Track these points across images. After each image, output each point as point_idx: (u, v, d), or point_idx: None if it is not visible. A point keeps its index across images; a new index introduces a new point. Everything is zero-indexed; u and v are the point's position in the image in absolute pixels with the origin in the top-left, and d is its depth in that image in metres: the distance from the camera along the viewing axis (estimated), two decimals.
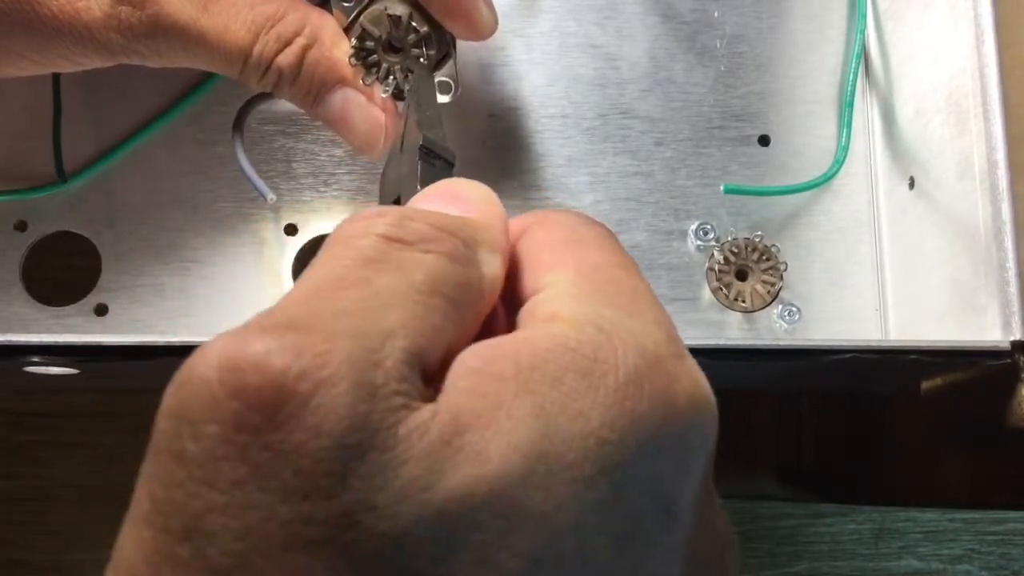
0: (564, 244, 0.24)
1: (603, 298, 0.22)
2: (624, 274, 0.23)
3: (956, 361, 0.37)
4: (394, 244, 0.21)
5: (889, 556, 0.40)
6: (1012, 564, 0.40)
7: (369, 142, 0.38)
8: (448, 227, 0.23)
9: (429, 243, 0.22)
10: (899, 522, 0.40)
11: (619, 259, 0.24)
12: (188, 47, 0.36)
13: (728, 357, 0.35)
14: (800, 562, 0.41)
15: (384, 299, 0.20)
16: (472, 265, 0.22)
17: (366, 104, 0.38)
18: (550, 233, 0.24)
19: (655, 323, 0.22)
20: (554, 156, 0.44)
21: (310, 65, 0.37)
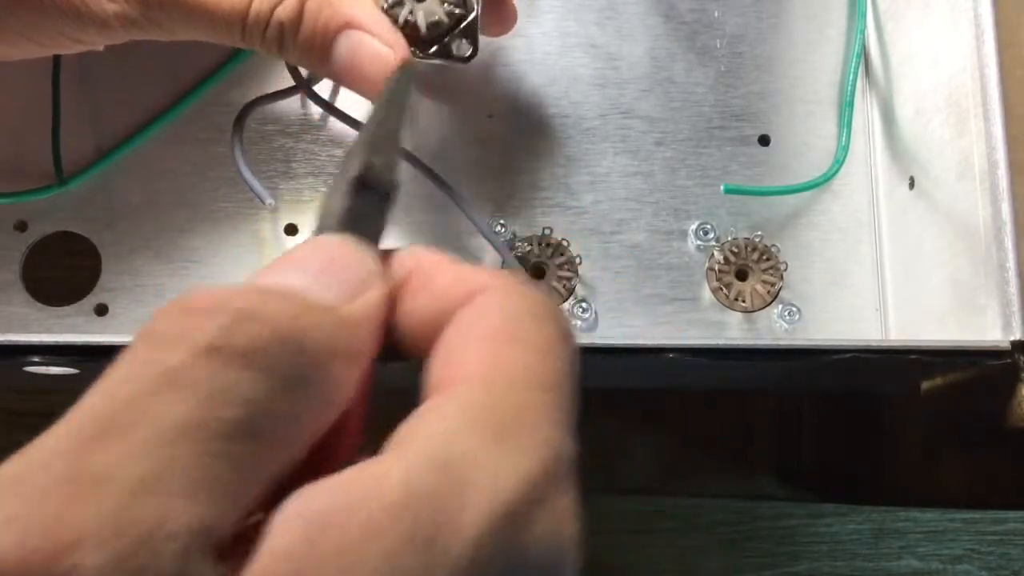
0: (493, 339, 0.20)
1: (485, 424, 0.18)
2: (529, 386, 0.20)
3: (956, 361, 0.37)
4: (214, 357, 0.17)
5: (889, 556, 0.40)
6: (1012, 564, 0.40)
7: (380, 85, 0.35)
8: (294, 333, 0.18)
9: (259, 356, 0.17)
10: (899, 522, 0.40)
11: (545, 368, 0.20)
12: (185, 14, 0.35)
13: (728, 357, 0.35)
14: (800, 562, 0.41)
15: (166, 453, 0.16)
16: (309, 386, 0.18)
17: (372, 42, 0.35)
18: (486, 318, 0.21)
19: (527, 454, 0.18)
20: (554, 156, 0.44)
21: (311, 13, 0.35)
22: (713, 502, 0.41)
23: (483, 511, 0.17)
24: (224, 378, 0.17)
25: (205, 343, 0.17)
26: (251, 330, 0.18)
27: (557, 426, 0.19)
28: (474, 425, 0.18)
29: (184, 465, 0.16)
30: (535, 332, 0.21)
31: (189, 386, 0.17)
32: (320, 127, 0.43)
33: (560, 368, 0.20)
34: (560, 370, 0.20)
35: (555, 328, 0.21)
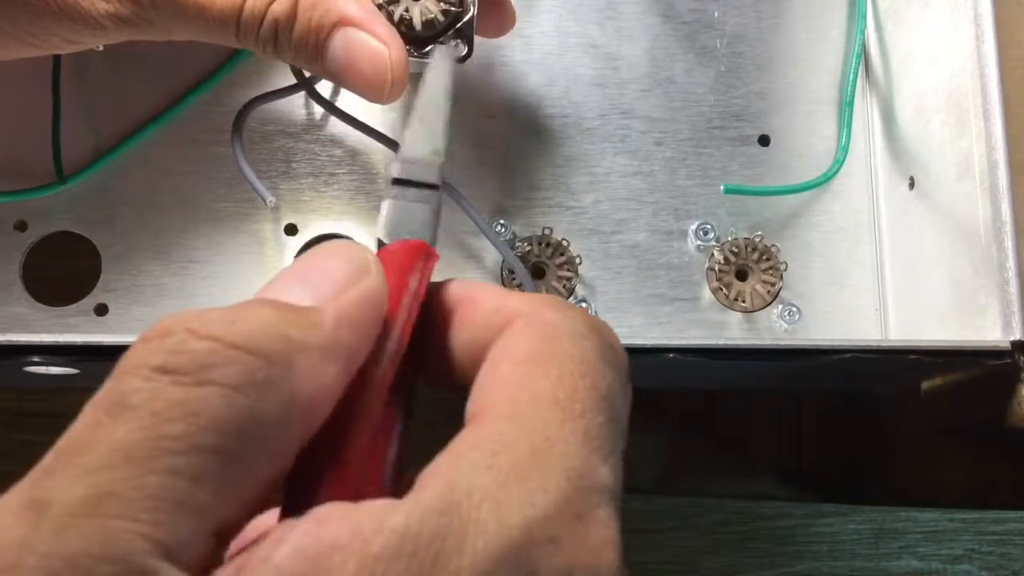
0: (523, 363, 0.20)
1: (503, 458, 0.18)
2: (557, 413, 0.19)
3: (956, 361, 0.37)
4: (163, 379, 0.17)
5: (889, 556, 0.40)
6: (1012, 564, 0.40)
7: (376, 84, 0.35)
8: (248, 340, 0.18)
9: (208, 371, 0.18)
10: (899, 522, 0.40)
11: (577, 390, 0.19)
12: (179, 13, 0.34)
13: (728, 357, 0.35)
14: (800, 562, 0.41)
15: (108, 476, 0.16)
16: (275, 391, 0.18)
17: (368, 40, 0.35)
18: (519, 342, 0.20)
19: (544, 489, 0.18)
20: (554, 156, 0.44)
21: (305, 11, 0.35)
22: (713, 502, 0.41)
23: (481, 552, 0.17)
24: (169, 396, 0.17)
25: (154, 365, 0.18)
26: (196, 347, 0.18)
27: (586, 454, 0.19)
28: (492, 460, 0.18)
29: (129, 486, 0.16)
30: (570, 351, 0.20)
31: (136, 407, 0.17)
32: (320, 127, 0.43)
33: (597, 387, 0.20)
34: (597, 389, 0.20)
35: (594, 345, 0.20)
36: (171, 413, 0.17)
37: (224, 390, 0.17)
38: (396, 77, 0.35)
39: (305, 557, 0.16)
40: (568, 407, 0.19)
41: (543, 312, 0.21)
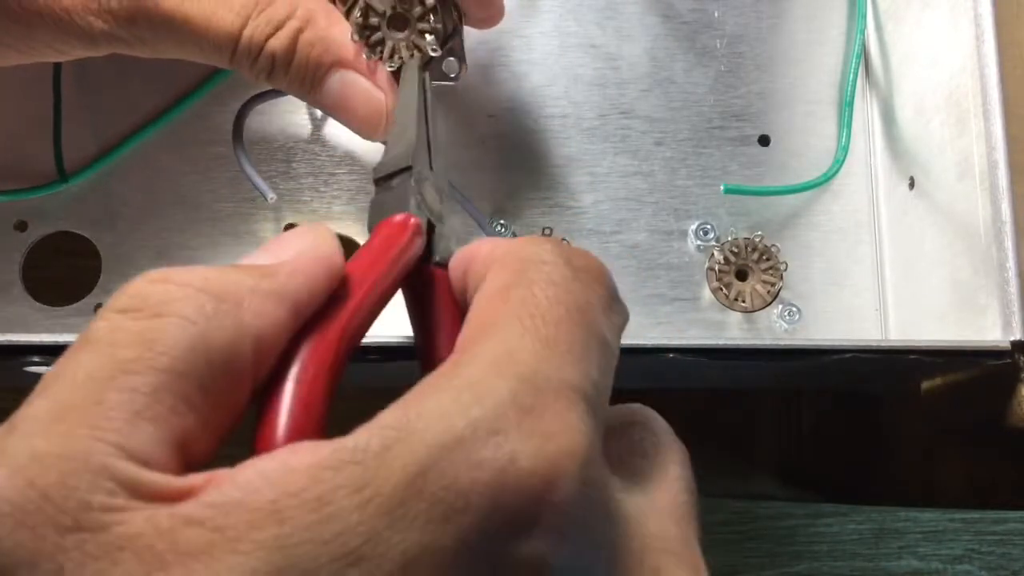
0: (495, 294, 0.21)
1: (457, 376, 0.19)
2: (517, 328, 0.20)
3: (956, 361, 0.37)
4: (127, 316, 0.19)
5: (889, 556, 0.40)
6: (1012, 564, 0.40)
7: (370, 124, 0.36)
8: (202, 281, 0.21)
9: (163, 306, 0.20)
10: (899, 522, 0.40)
11: (535, 308, 0.20)
12: (173, 34, 0.34)
13: (728, 357, 0.35)
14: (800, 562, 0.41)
15: (75, 394, 0.18)
16: (224, 321, 0.20)
17: (366, 85, 0.36)
18: (496, 278, 0.22)
19: (492, 391, 0.18)
20: (554, 156, 0.44)
21: (304, 47, 0.35)
22: (713, 502, 0.41)
23: (422, 451, 0.17)
24: (127, 327, 0.19)
25: (116, 308, 0.20)
26: (153, 289, 0.20)
27: (547, 356, 0.19)
28: (448, 383, 0.19)
29: (89, 400, 0.18)
30: (535, 276, 0.21)
31: (97, 340, 0.19)
32: (320, 127, 0.43)
33: (563, 301, 0.21)
34: (563, 303, 0.21)
35: (560, 266, 0.22)
36: (127, 340, 0.19)
37: (177, 319, 0.19)
38: (390, 121, 0.36)
39: (265, 478, 0.17)
40: (529, 322, 0.20)
41: (515, 249, 0.22)
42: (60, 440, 0.17)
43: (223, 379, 0.20)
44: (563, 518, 0.18)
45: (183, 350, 0.19)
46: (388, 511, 0.17)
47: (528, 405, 0.18)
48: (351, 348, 0.23)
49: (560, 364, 0.19)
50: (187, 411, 0.19)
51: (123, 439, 0.18)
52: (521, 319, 0.20)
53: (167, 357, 0.19)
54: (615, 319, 0.23)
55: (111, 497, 0.17)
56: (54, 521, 0.16)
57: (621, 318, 0.23)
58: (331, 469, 0.17)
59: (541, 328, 0.20)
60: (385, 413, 0.18)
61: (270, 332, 0.21)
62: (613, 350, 0.22)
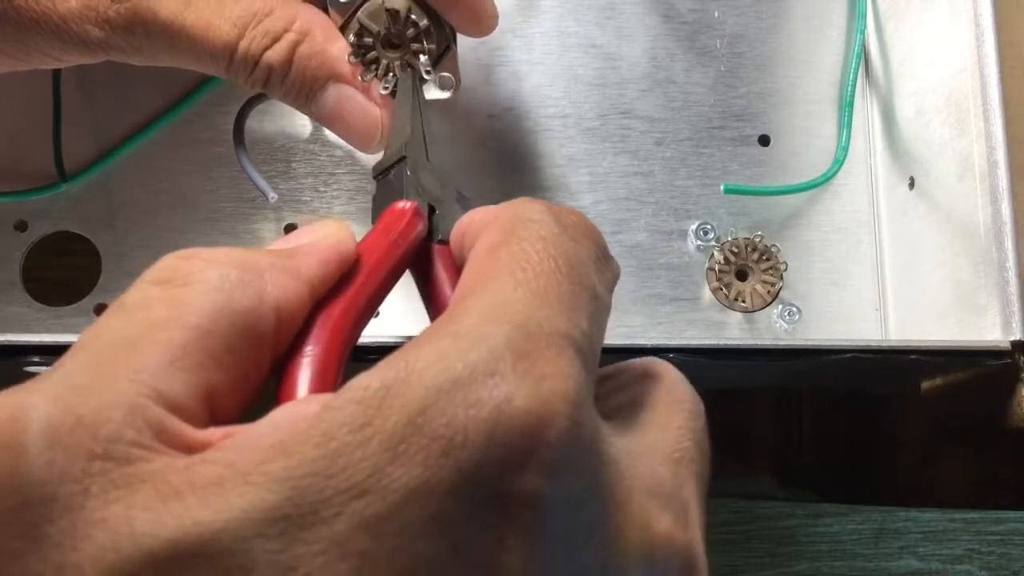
0: (488, 252, 0.22)
1: (453, 325, 0.20)
2: (509, 281, 0.21)
3: (956, 361, 0.37)
4: (157, 286, 0.21)
5: (889, 556, 0.40)
6: (1012, 564, 0.40)
7: (366, 137, 0.37)
8: (226, 257, 0.22)
9: (190, 276, 0.21)
10: (899, 522, 0.40)
11: (525, 262, 0.21)
12: (170, 43, 0.35)
13: (728, 357, 0.35)
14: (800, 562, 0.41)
15: (111, 349, 0.19)
16: (247, 289, 0.21)
17: (361, 99, 0.36)
18: (488, 237, 0.23)
19: (487, 337, 0.19)
20: (554, 156, 0.44)
21: (301, 60, 0.35)
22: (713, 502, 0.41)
23: (420, 392, 0.18)
24: (158, 295, 0.21)
25: (148, 280, 0.21)
26: (182, 263, 0.21)
27: (538, 306, 0.20)
28: (444, 331, 0.20)
29: (126, 352, 0.19)
30: (525, 233, 0.22)
31: (129, 306, 0.20)
32: (320, 128, 0.43)
33: (553, 256, 0.21)
34: (554, 258, 0.21)
35: (550, 223, 0.22)
36: (159, 304, 0.20)
37: (204, 286, 0.21)
38: (384, 136, 0.37)
39: (275, 424, 0.18)
40: (521, 275, 0.21)
41: (505, 210, 0.23)
42: (99, 378, 0.18)
43: (247, 342, 0.21)
44: (556, 455, 0.18)
45: (210, 311, 0.20)
46: (390, 447, 0.17)
47: (522, 350, 0.19)
48: (362, 320, 0.25)
49: (551, 314, 0.20)
50: (215, 368, 0.20)
51: (158, 384, 0.19)
52: (513, 273, 0.21)
53: (196, 316, 0.20)
54: (606, 274, 0.23)
55: (139, 435, 0.18)
56: (86, 447, 0.17)
57: (611, 273, 0.24)
58: (335, 410, 0.18)
59: (532, 281, 0.21)
60: (385, 360, 0.19)
61: (289, 303, 0.22)
62: (604, 303, 0.23)
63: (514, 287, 0.20)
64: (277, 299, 0.22)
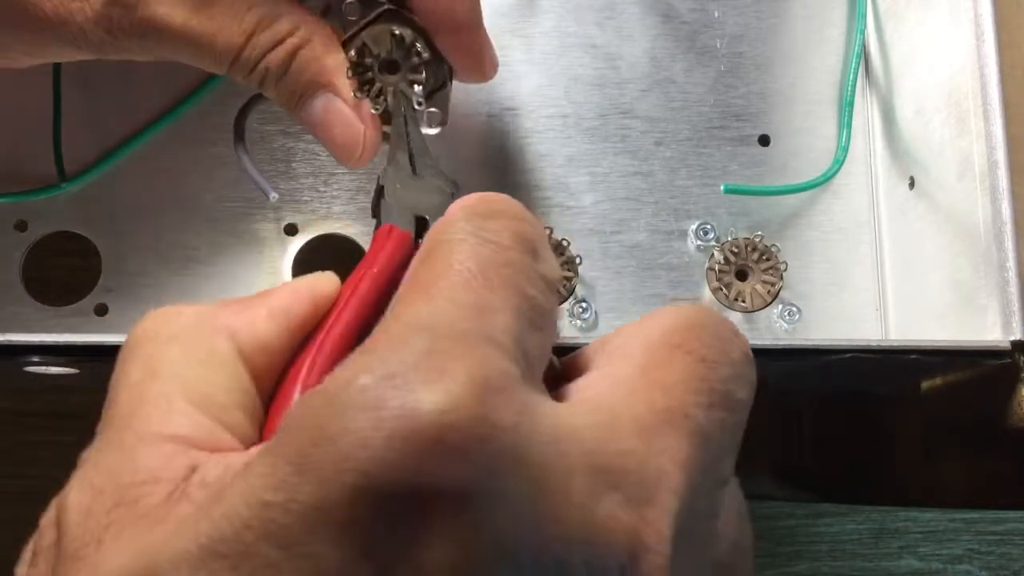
0: (411, 271, 0.22)
1: (364, 347, 0.20)
2: (420, 294, 0.21)
3: (956, 361, 0.37)
4: (130, 356, 0.23)
5: (889, 556, 0.40)
6: (1012, 564, 0.40)
7: (347, 152, 0.37)
8: (178, 311, 0.24)
9: (154, 334, 0.24)
10: (899, 522, 0.40)
11: (442, 272, 0.21)
12: (178, 48, 0.36)
13: None
14: (800, 562, 0.41)
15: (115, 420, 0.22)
16: (203, 326, 0.24)
17: (348, 113, 0.37)
18: (416, 257, 0.23)
19: (386, 350, 0.19)
20: (554, 156, 0.44)
21: (299, 65, 0.36)
22: None
23: (313, 407, 0.18)
24: (135, 366, 0.23)
25: (127, 345, 0.23)
26: (150, 324, 0.23)
27: (428, 318, 0.20)
28: (353, 355, 0.20)
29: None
30: (435, 252, 0.22)
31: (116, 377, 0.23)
32: None
33: (442, 264, 0.21)
34: (442, 266, 0.21)
35: (453, 243, 0.22)
36: (136, 371, 0.22)
37: (163, 339, 0.23)
38: (366, 152, 0.37)
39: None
40: (433, 290, 0.21)
41: (431, 231, 0.24)
42: (113, 445, 0.22)
43: (220, 372, 0.22)
44: (466, 448, 0.17)
45: (178, 358, 0.22)
46: (293, 463, 0.17)
47: (429, 352, 0.18)
48: (352, 342, 0.25)
49: (461, 316, 0.20)
50: (204, 401, 0.22)
51: (164, 429, 0.21)
52: (428, 287, 0.21)
53: (169, 368, 0.22)
54: (534, 269, 0.22)
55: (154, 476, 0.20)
56: (104, 504, 0.19)
57: (546, 266, 0.23)
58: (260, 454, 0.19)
59: (445, 292, 0.20)
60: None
61: (255, 332, 0.24)
62: (532, 297, 0.21)
63: (426, 302, 0.20)
64: (231, 326, 0.23)
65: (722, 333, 0.22)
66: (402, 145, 0.35)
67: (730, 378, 0.22)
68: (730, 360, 0.22)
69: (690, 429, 0.20)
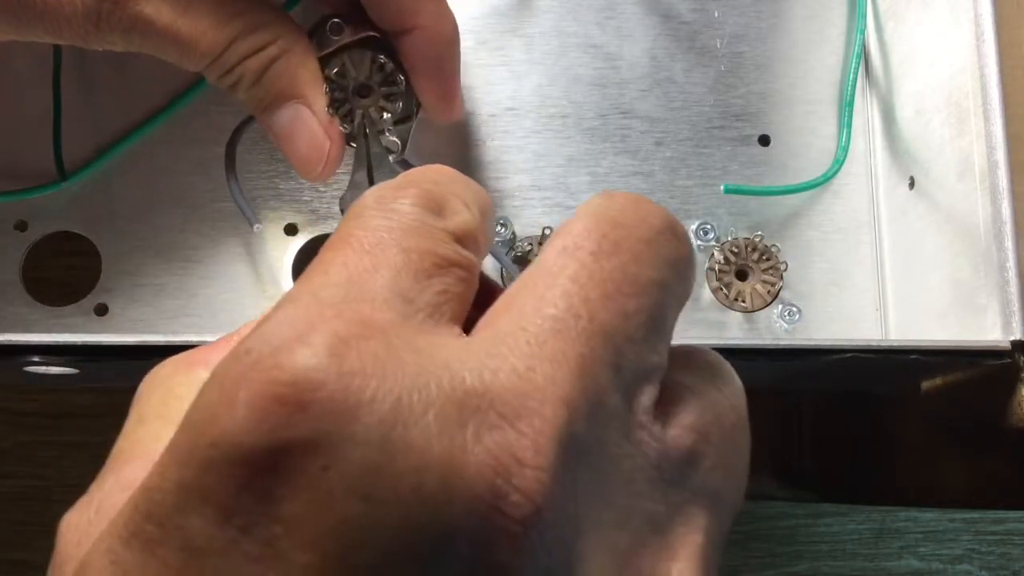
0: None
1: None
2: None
3: (956, 361, 0.37)
4: (133, 415, 0.24)
5: (889, 556, 0.40)
6: (1012, 564, 0.40)
7: (308, 164, 0.38)
8: (172, 363, 0.25)
9: (144, 394, 0.24)
10: (899, 522, 0.40)
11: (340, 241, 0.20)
12: (160, 45, 0.36)
13: (728, 357, 0.35)
14: (800, 562, 0.41)
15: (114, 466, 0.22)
16: (189, 375, 0.24)
17: (314, 126, 0.37)
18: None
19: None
20: (554, 156, 0.44)
21: (273, 74, 0.37)
22: None
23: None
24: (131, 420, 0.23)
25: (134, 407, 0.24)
26: (145, 385, 0.24)
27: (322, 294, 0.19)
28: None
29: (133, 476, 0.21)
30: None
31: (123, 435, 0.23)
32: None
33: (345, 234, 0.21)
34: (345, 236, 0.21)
35: (361, 216, 0.21)
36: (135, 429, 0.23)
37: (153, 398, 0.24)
38: (327, 169, 0.38)
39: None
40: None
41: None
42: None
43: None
44: (311, 404, 0.17)
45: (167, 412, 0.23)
46: (170, 451, 0.18)
47: (279, 320, 0.19)
48: None
49: (330, 284, 0.20)
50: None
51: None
52: (312, 267, 0.20)
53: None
54: (435, 225, 0.21)
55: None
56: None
57: (448, 221, 0.22)
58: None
59: (324, 265, 0.20)
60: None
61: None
62: (429, 252, 0.21)
63: (304, 280, 0.20)
64: (207, 359, 0.23)
65: (622, 217, 0.21)
66: (362, 167, 0.37)
67: (630, 260, 0.20)
68: (632, 242, 0.20)
69: (579, 329, 0.19)
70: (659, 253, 0.21)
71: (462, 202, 0.22)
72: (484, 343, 0.19)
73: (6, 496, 0.49)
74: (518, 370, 0.18)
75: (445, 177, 0.23)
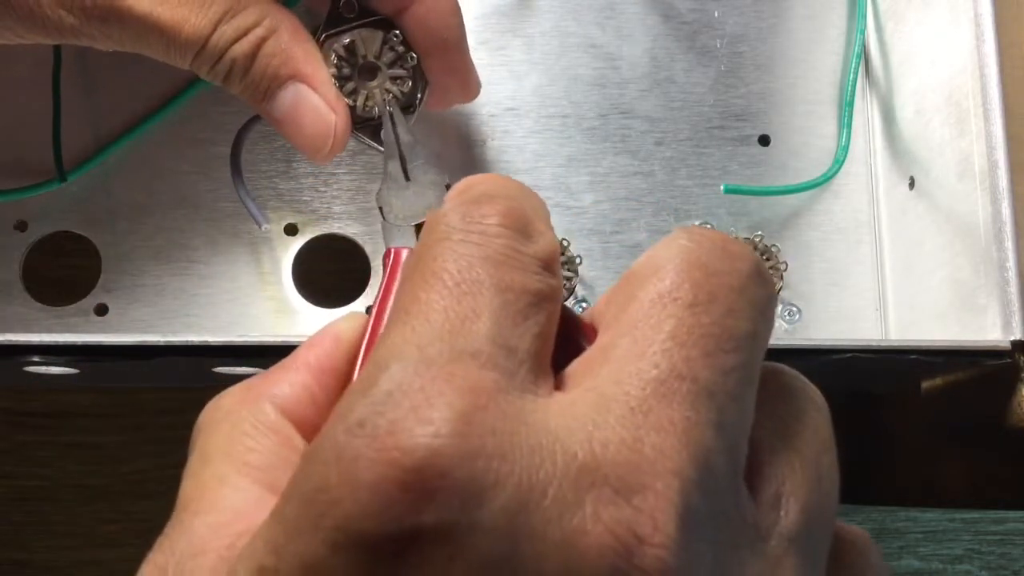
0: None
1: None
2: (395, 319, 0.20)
3: (956, 361, 0.37)
4: (194, 448, 0.24)
5: (889, 556, 0.40)
6: (1012, 564, 0.40)
7: (316, 145, 0.36)
8: (230, 398, 0.25)
9: (204, 427, 0.24)
10: (899, 522, 0.40)
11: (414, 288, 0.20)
12: (142, 35, 0.35)
13: None
14: None
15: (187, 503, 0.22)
16: (243, 411, 0.24)
17: (319, 102, 0.36)
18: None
19: (356, 391, 0.18)
20: (554, 156, 0.44)
21: (265, 56, 0.35)
22: None
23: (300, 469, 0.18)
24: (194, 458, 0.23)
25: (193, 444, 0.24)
26: (205, 418, 0.24)
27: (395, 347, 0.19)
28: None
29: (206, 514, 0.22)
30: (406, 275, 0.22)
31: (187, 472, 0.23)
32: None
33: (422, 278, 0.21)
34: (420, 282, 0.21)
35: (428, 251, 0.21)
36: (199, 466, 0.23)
37: (213, 429, 0.23)
38: (336, 144, 0.36)
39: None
40: (403, 314, 0.21)
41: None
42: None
43: (271, 449, 0.22)
44: (438, 491, 0.17)
45: (224, 444, 0.23)
46: (282, 520, 0.18)
47: (392, 389, 0.18)
48: None
49: (435, 337, 0.19)
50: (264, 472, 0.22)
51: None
52: (406, 307, 0.20)
53: (217, 453, 0.23)
54: (526, 253, 0.21)
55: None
56: None
57: (536, 246, 0.21)
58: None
59: (422, 308, 0.19)
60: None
61: (294, 394, 0.23)
62: (525, 288, 0.20)
63: (401, 327, 0.19)
64: (270, 392, 0.23)
65: (713, 263, 0.20)
66: (392, 152, 0.35)
67: (726, 313, 0.19)
68: (725, 291, 0.20)
69: (684, 393, 0.18)
70: (750, 301, 0.20)
71: (543, 221, 0.22)
72: (588, 408, 0.18)
73: (5, 496, 0.49)
74: (627, 442, 0.18)
75: (516, 190, 0.22)
